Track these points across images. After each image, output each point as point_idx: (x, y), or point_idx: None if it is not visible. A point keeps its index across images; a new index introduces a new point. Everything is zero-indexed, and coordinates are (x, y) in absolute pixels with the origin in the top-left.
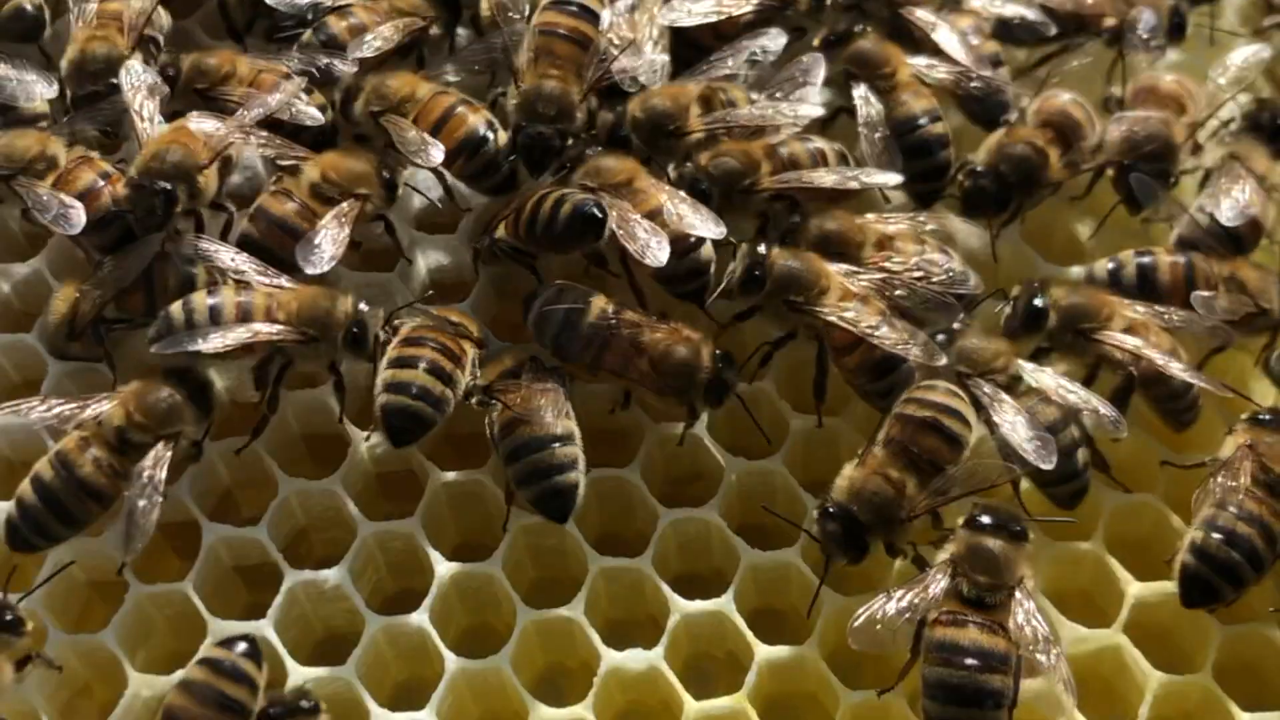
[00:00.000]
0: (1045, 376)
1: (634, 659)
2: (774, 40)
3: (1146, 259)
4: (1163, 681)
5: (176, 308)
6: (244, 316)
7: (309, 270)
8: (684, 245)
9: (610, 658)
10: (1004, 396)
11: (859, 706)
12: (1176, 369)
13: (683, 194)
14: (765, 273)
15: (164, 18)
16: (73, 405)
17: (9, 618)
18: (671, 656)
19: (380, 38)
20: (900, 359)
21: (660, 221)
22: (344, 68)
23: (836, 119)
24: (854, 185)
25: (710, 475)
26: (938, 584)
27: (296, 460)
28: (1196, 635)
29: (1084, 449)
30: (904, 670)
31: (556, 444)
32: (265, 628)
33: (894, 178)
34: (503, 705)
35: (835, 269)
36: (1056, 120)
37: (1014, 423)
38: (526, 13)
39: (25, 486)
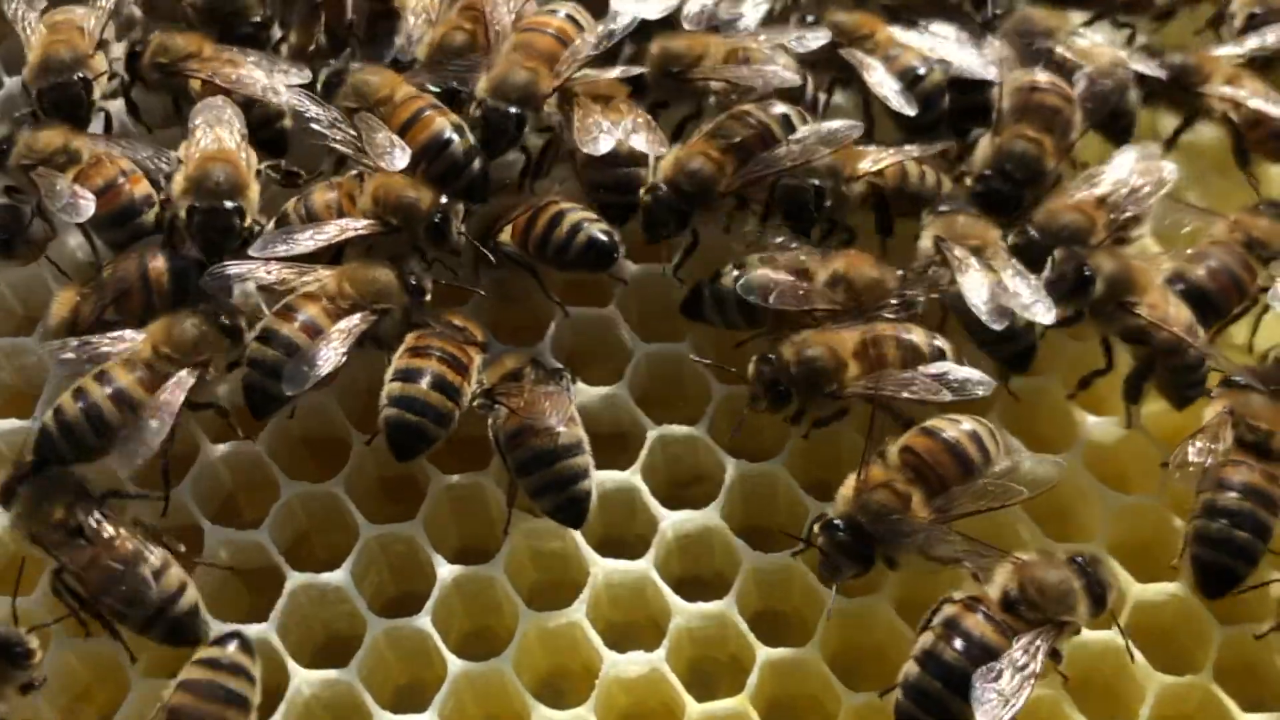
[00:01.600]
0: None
1: (636, 661)
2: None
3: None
4: (1164, 683)
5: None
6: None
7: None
8: (622, 158)
9: (612, 660)
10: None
11: (861, 708)
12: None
13: (648, 117)
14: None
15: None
16: (105, 343)
17: (18, 650)
18: (674, 659)
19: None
20: None
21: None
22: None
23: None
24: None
25: (711, 477)
26: (987, 574)
27: (298, 463)
28: (1197, 636)
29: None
30: None
31: (569, 454)
32: (267, 631)
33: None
34: (504, 708)
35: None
36: (1034, 112)
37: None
38: None
39: (66, 397)
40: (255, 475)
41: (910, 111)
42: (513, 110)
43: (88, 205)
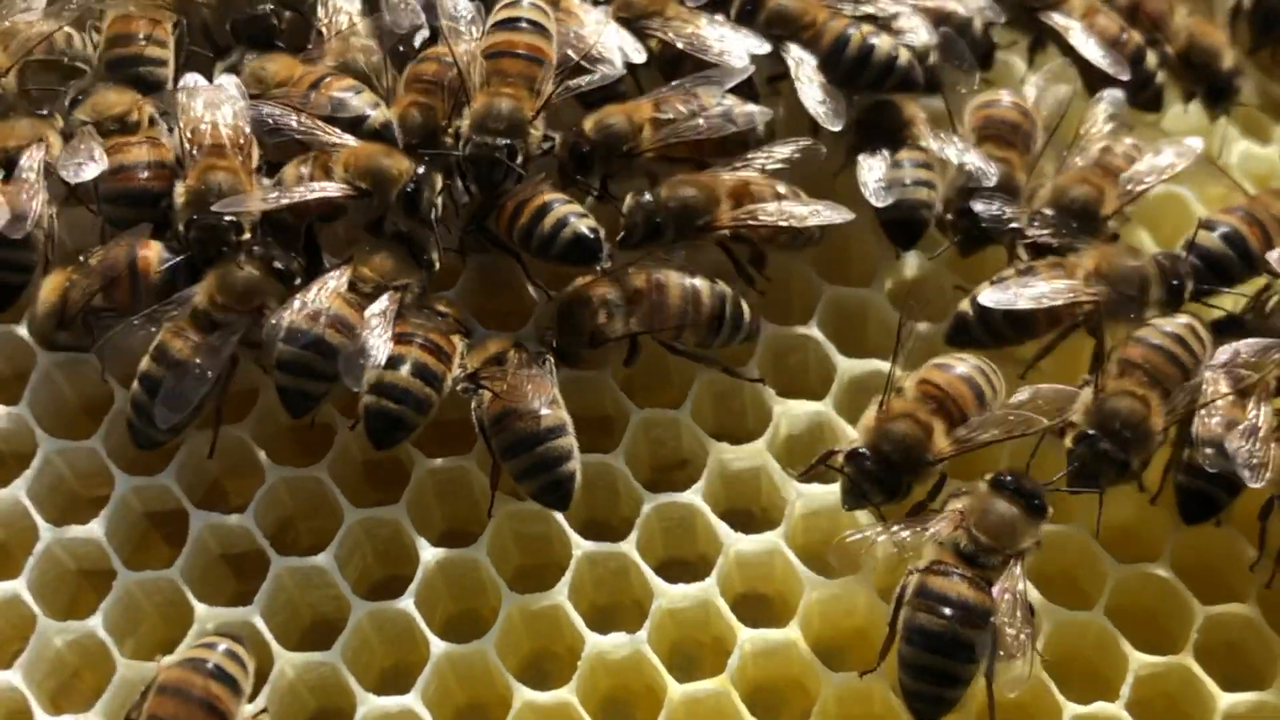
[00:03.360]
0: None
1: (618, 643)
2: None
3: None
4: (1144, 662)
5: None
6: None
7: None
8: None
9: (594, 642)
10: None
11: (842, 689)
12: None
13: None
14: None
15: (78, 41)
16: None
17: None
18: (656, 641)
19: None
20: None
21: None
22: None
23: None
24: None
25: (695, 461)
26: (938, 529)
27: (283, 449)
28: (1178, 616)
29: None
30: (884, 649)
31: (553, 437)
32: (252, 614)
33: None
34: (488, 690)
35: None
36: (995, 130)
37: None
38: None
39: (135, 386)
40: (241, 460)
41: (833, 127)
42: (502, 143)
43: (88, 170)
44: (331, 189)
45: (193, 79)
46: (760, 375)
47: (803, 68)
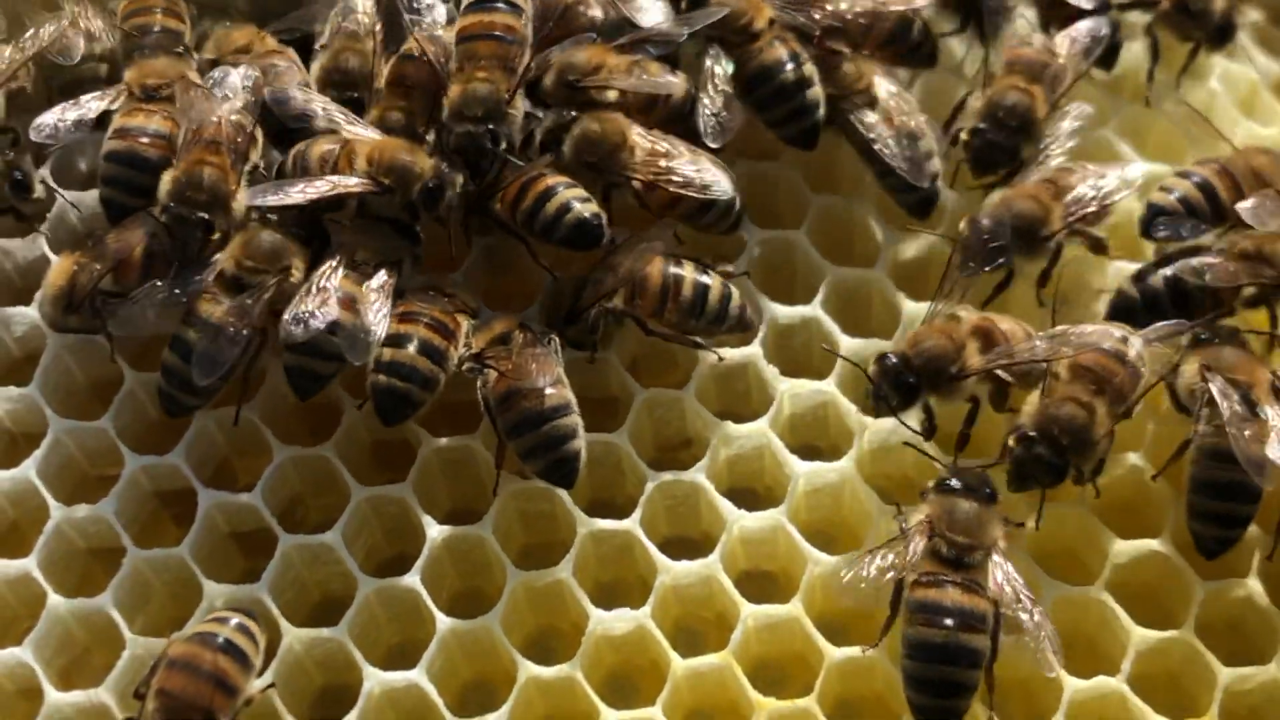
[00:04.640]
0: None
1: (622, 618)
2: None
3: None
4: (1145, 638)
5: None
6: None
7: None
8: None
9: (599, 618)
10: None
11: (844, 664)
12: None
13: None
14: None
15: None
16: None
17: None
18: (660, 616)
19: None
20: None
21: None
22: None
23: None
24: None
25: (699, 440)
26: (916, 544)
27: (291, 428)
28: (1179, 592)
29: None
30: (885, 627)
31: (558, 416)
32: (260, 591)
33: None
34: (493, 665)
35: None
36: (1025, 67)
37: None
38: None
39: (167, 352)
40: (249, 440)
41: (714, 144)
42: (484, 129)
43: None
44: (354, 183)
45: (220, 70)
46: (762, 355)
47: (716, 73)
